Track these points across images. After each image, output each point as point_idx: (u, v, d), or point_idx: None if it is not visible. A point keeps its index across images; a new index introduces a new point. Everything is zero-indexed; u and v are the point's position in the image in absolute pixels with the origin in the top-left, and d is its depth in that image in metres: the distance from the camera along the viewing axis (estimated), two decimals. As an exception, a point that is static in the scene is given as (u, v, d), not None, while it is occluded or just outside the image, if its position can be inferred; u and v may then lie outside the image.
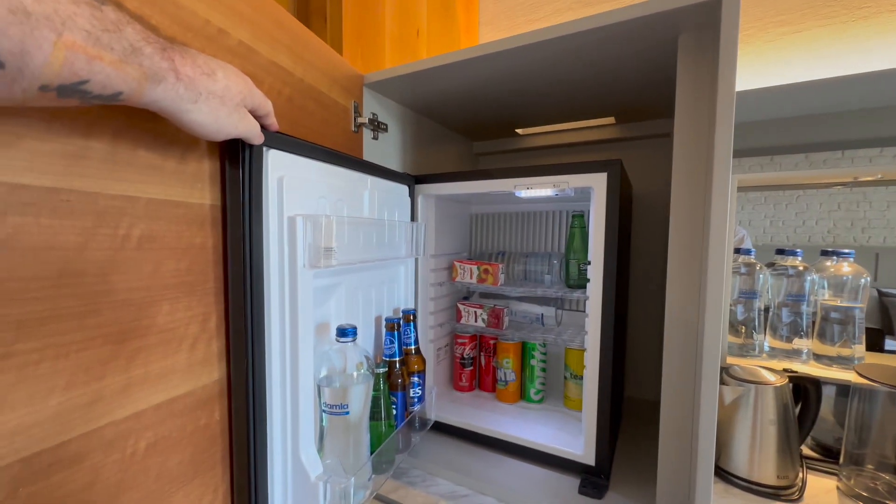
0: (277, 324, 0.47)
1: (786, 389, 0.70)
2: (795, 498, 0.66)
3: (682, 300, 0.57)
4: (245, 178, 0.43)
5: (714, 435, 0.49)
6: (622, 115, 0.94)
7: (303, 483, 0.49)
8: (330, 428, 0.54)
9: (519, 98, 0.84)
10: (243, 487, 0.45)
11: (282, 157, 0.48)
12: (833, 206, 1.15)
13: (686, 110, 0.57)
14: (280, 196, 0.47)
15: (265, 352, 0.46)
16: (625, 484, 0.68)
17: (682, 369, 0.57)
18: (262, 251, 0.45)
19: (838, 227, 1.19)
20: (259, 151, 0.44)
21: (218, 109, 0.35)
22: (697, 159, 0.56)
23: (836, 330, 0.81)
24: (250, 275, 0.44)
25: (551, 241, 0.99)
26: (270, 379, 0.47)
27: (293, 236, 0.48)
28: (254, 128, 0.41)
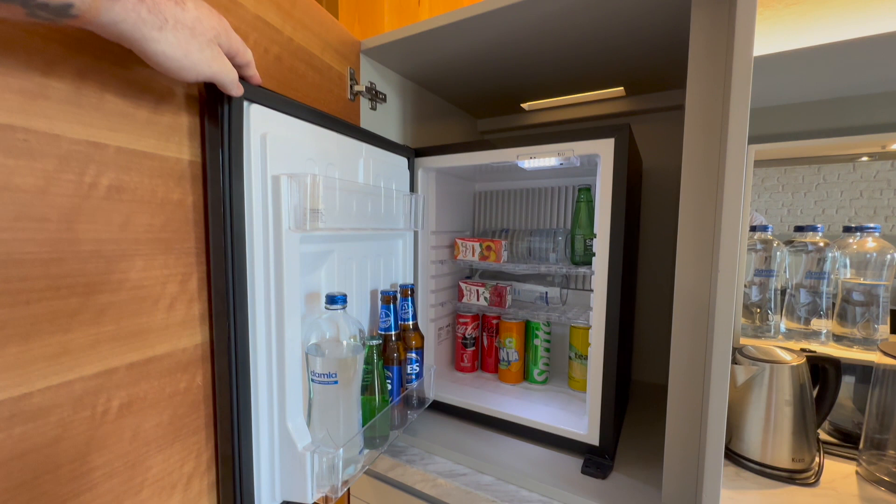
0: (262, 288, 0.45)
1: (803, 369, 0.66)
2: (812, 482, 0.62)
3: (693, 277, 0.53)
4: (225, 132, 0.41)
5: (724, 416, 0.46)
6: (633, 86, 0.90)
7: (290, 453, 0.48)
8: (318, 398, 0.52)
9: (524, 66, 0.80)
10: (227, 455, 0.44)
11: (265, 113, 0.45)
12: (855, 193, 1.09)
13: (700, 72, 0.52)
14: (263, 154, 0.44)
15: (248, 316, 0.44)
16: (630, 465, 0.65)
17: (691, 348, 0.54)
18: (243, 211, 0.43)
19: (860, 215, 1.13)
20: (239, 105, 0.42)
21: (188, 42, 0.32)
22: (711, 126, 0.52)
23: (858, 311, 0.77)
24: (231, 235, 0.42)
25: (556, 217, 0.96)
26: (255, 345, 0.45)
27: (277, 196, 0.45)
28: (229, 72, 0.38)
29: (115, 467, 0.36)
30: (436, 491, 0.65)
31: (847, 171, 1.01)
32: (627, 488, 0.59)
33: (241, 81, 0.40)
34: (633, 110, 0.97)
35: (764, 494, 0.60)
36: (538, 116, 1.09)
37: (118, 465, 0.36)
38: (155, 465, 0.39)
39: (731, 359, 0.47)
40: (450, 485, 0.63)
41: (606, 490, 0.59)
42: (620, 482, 0.61)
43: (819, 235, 0.80)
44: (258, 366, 0.46)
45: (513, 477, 0.63)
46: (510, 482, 0.63)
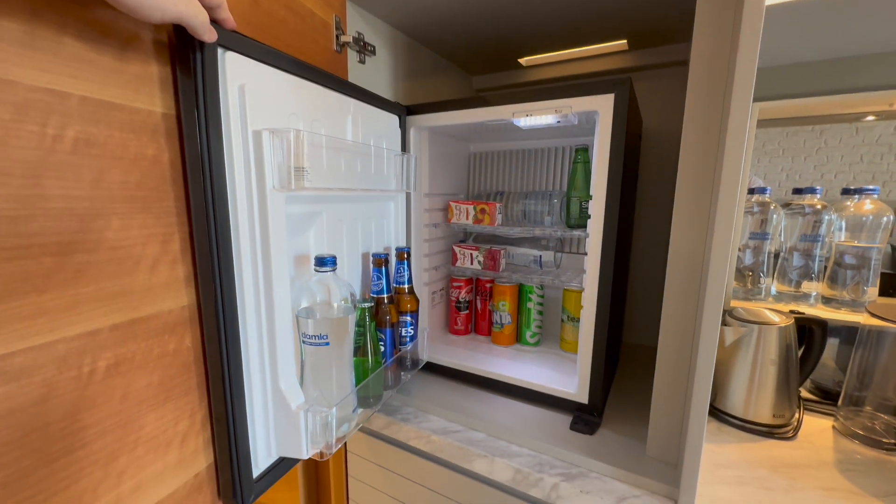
0: (248, 250, 0.44)
1: (790, 330, 0.67)
2: (790, 436, 0.65)
3: (688, 237, 0.53)
4: (198, 83, 0.38)
5: (711, 373, 0.47)
6: (636, 38, 0.85)
7: (284, 412, 0.48)
8: (310, 359, 0.52)
9: (523, 15, 0.75)
10: (221, 416, 0.44)
11: (242, 63, 0.42)
12: (855, 157, 1.08)
13: (707, 21, 0.49)
14: (242, 107, 0.42)
15: (234, 279, 0.43)
16: (617, 422, 0.67)
17: (682, 308, 0.54)
18: (223, 169, 0.41)
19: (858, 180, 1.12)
20: (213, 52, 0.39)
21: None
22: (716, 80, 0.49)
23: (849, 274, 0.77)
24: (212, 194, 0.40)
25: (553, 179, 0.94)
26: (243, 307, 0.44)
27: (260, 153, 0.43)
28: (198, 13, 0.35)
29: (107, 426, 0.36)
30: (430, 447, 0.67)
31: (849, 135, 0.99)
32: (614, 443, 0.62)
33: (214, 25, 0.37)
34: (636, 66, 0.93)
35: (743, 447, 0.63)
36: (536, 73, 1.04)
37: (110, 424, 0.36)
38: (148, 423, 0.39)
39: (720, 317, 0.47)
40: (443, 441, 0.65)
41: (593, 445, 0.61)
42: (607, 437, 0.63)
43: (817, 198, 0.79)
44: (248, 328, 0.45)
45: (504, 433, 0.65)
46: (501, 438, 0.65)
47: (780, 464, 0.59)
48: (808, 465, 0.58)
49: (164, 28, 0.39)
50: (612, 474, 0.56)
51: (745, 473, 0.56)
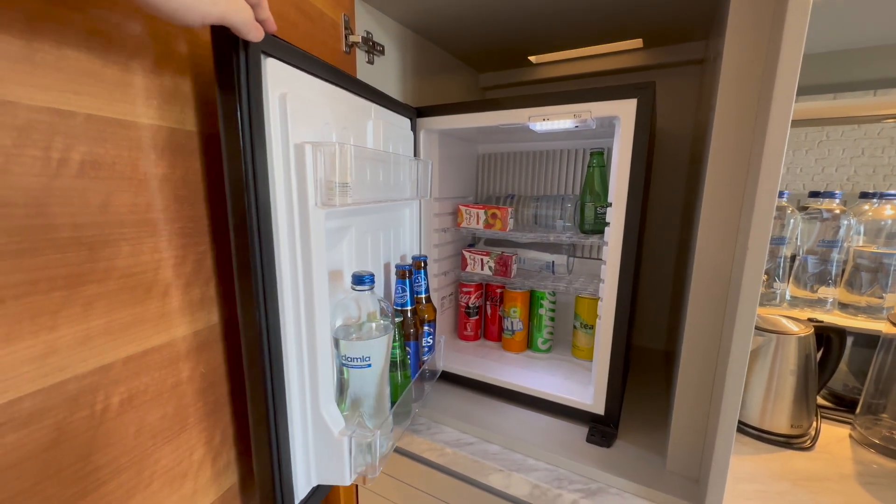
0: (289, 272, 0.41)
1: (809, 339, 0.66)
2: (808, 446, 0.64)
3: (715, 244, 0.51)
4: (242, 92, 0.34)
5: (742, 386, 0.46)
6: (652, 37, 0.82)
7: (325, 438, 0.46)
8: (353, 382, 0.50)
9: (535, 13, 0.73)
10: (264, 447, 0.41)
11: (282, 70, 0.38)
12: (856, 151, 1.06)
13: (741, 22, 0.47)
14: (284, 118, 0.38)
15: (278, 303, 0.40)
16: (633, 433, 0.66)
17: (708, 317, 0.53)
18: (267, 186, 0.37)
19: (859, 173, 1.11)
20: (257, 57, 0.35)
21: None
22: (750, 82, 0.47)
23: (866, 278, 0.76)
24: (256, 214, 0.36)
25: (565, 182, 0.92)
26: (284, 330, 0.41)
27: (302, 168, 0.40)
28: (241, 9, 0.31)
29: (122, 463, 0.34)
30: (443, 460, 0.66)
31: (851, 129, 0.97)
32: (632, 456, 0.61)
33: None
34: (649, 64, 0.90)
35: (761, 459, 0.62)
36: (544, 71, 1.01)
37: (125, 461, 0.34)
38: (163, 456, 0.37)
39: (752, 333, 0.46)
40: (457, 454, 0.64)
41: (611, 458, 0.60)
42: (625, 450, 0.62)
43: (836, 202, 0.78)
44: (288, 352, 0.42)
45: (519, 446, 0.64)
46: (516, 451, 0.64)
47: (800, 477, 0.58)
48: (829, 478, 0.58)
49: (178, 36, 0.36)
50: (633, 490, 0.56)
51: (768, 488, 0.56)
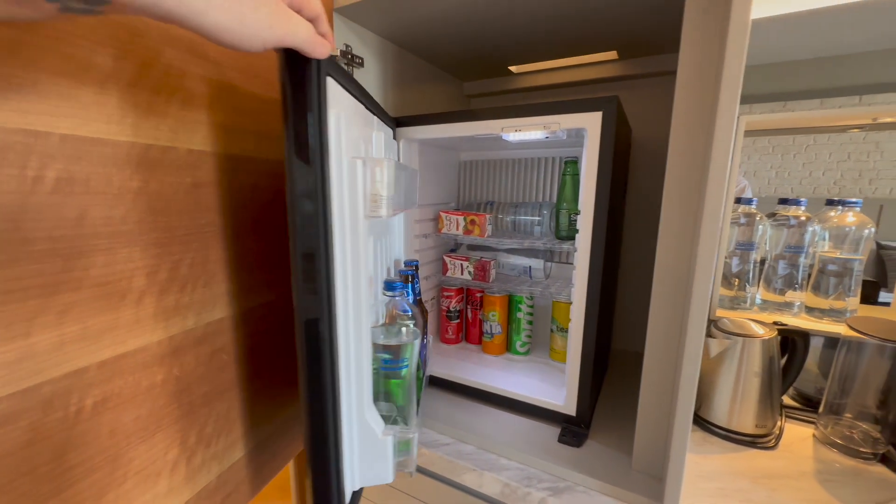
0: (341, 280, 0.42)
1: (773, 342, 0.68)
2: (772, 445, 0.67)
3: (674, 248, 0.54)
4: (315, 110, 0.35)
5: (695, 386, 0.48)
6: (626, 49, 0.85)
7: (370, 440, 0.48)
8: (387, 383, 0.53)
9: (513, 26, 0.75)
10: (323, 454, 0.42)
11: (335, 89, 0.40)
12: (843, 155, 1.09)
13: (694, 36, 0.49)
14: (338, 135, 0.40)
15: (338, 313, 0.42)
16: (604, 433, 0.69)
17: (668, 319, 0.55)
18: (330, 201, 0.39)
19: (845, 177, 1.14)
20: (324, 76, 0.36)
21: (239, 3, 0.26)
22: (702, 95, 0.50)
23: (832, 282, 0.79)
24: (324, 231, 0.38)
25: (544, 189, 0.94)
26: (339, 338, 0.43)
27: (354, 182, 0.42)
28: (300, 28, 0.30)
29: (96, 462, 0.36)
30: (420, 460, 0.68)
31: (837, 133, 1.00)
32: (600, 455, 0.63)
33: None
34: (626, 74, 0.93)
35: (726, 458, 0.65)
36: (527, 80, 1.04)
37: (99, 461, 0.36)
38: (137, 456, 0.39)
39: (706, 331, 0.48)
40: (433, 454, 0.66)
41: (580, 457, 0.62)
42: (594, 450, 0.64)
43: (802, 209, 0.81)
44: (340, 358, 0.43)
45: (493, 446, 0.66)
46: (490, 451, 0.66)
47: (761, 474, 0.60)
48: (788, 475, 0.60)
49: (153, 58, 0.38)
50: (599, 488, 0.58)
51: (727, 485, 0.58)
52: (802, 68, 0.82)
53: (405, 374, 0.54)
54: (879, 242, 1.21)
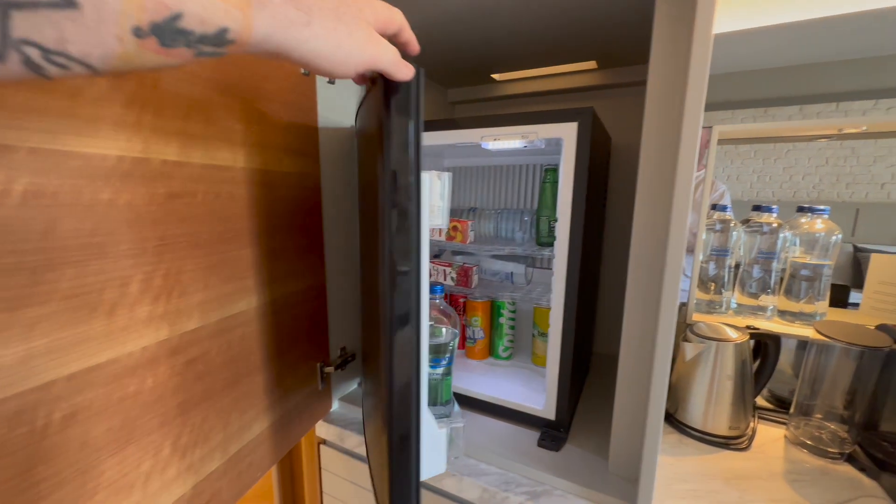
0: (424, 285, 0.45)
1: (745, 346, 0.70)
2: (744, 447, 0.68)
3: (646, 254, 0.55)
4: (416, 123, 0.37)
5: (665, 387, 0.49)
6: (605, 60, 0.87)
7: (430, 433, 0.52)
8: (439, 380, 0.61)
9: (496, 36, 0.76)
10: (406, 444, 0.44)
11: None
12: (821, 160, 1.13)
13: (662, 52, 0.51)
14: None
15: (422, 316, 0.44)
16: (583, 436, 0.70)
17: (642, 323, 0.57)
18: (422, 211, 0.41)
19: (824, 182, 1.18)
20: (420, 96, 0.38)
21: (336, 29, 0.28)
22: (671, 105, 0.51)
23: (803, 287, 0.81)
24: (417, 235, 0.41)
25: (525, 196, 0.95)
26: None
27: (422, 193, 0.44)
28: (389, 53, 0.32)
29: (65, 476, 0.36)
30: (401, 465, 0.68)
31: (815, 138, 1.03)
32: (578, 459, 0.64)
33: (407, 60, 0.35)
34: (606, 84, 0.95)
35: (701, 459, 0.66)
36: (510, 87, 1.05)
37: (68, 474, 0.36)
38: (109, 468, 0.39)
39: (682, 335, 0.50)
40: (414, 460, 0.66)
41: (558, 461, 0.63)
42: (572, 454, 0.65)
43: (773, 216, 0.83)
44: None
45: (474, 451, 0.67)
46: (471, 456, 0.67)
47: (733, 476, 0.62)
48: (759, 476, 0.62)
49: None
50: (575, 492, 0.59)
51: (700, 487, 0.59)
52: (781, 75, 0.84)
53: (446, 371, 0.61)
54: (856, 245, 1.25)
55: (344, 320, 0.81)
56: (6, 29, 0.15)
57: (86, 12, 0.17)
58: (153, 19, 0.19)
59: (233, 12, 0.22)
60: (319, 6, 0.27)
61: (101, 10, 0.17)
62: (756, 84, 0.88)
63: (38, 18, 0.16)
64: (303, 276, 0.69)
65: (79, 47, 0.17)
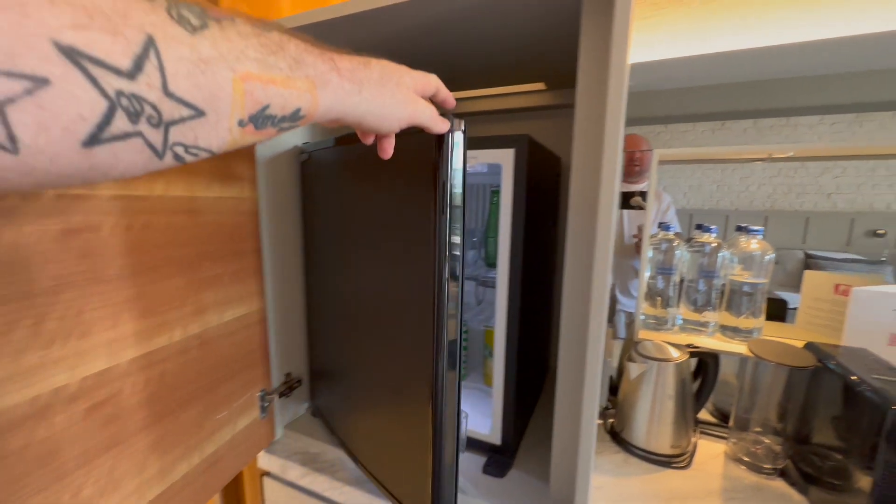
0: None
1: (685, 365, 0.72)
2: (684, 465, 0.69)
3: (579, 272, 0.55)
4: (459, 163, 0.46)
5: (596, 405, 0.50)
6: (552, 81, 0.88)
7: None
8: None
9: (443, 56, 0.76)
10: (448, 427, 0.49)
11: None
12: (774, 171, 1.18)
13: (588, 78, 0.52)
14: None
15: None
16: (529, 460, 0.69)
17: (578, 341, 0.56)
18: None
19: (777, 192, 1.23)
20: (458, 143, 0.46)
21: (380, 94, 0.34)
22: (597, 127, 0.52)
23: (742, 303, 0.84)
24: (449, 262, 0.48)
25: (475, 217, 0.95)
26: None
27: None
28: (427, 111, 0.40)
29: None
30: (343, 498, 0.66)
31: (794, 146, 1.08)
32: (522, 485, 0.63)
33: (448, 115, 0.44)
34: (557, 104, 0.96)
35: (644, 479, 0.67)
36: (461, 106, 1.05)
37: None
38: None
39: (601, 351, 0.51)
40: (353, 492, 0.64)
41: (502, 488, 0.63)
42: (516, 479, 0.65)
43: (713, 236, 0.86)
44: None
45: (417, 481, 0.65)
46: (414, 486, 0.65)
47: (672, 496, 0.63)
48: (696, 495, 0.63)
49: None
50: (515, 520, 0.58)
51: (638, 510, 0.60)
52: (736, 91, 0.87)
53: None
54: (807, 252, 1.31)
55: (289, 345, 0.79)
56: (167, 137, 0.21)
57: (210, 118, 0.23)
58: (251, 112, 0.25)
59: (304, 96, 0.28)
60: (368, 77, 0.33)
61: (219, 114, 0.23)
62: (712, 99, 0.92)
63: (183, 128, 0.22)
64: (239, 302, 0.66)
65: (206, 141, 0.23)
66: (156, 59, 0.19)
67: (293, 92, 0.27)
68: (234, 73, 0.23)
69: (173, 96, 0.20)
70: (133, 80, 0.19)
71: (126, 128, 0.19)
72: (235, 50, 0.23)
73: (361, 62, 0.33)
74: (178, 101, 0.21)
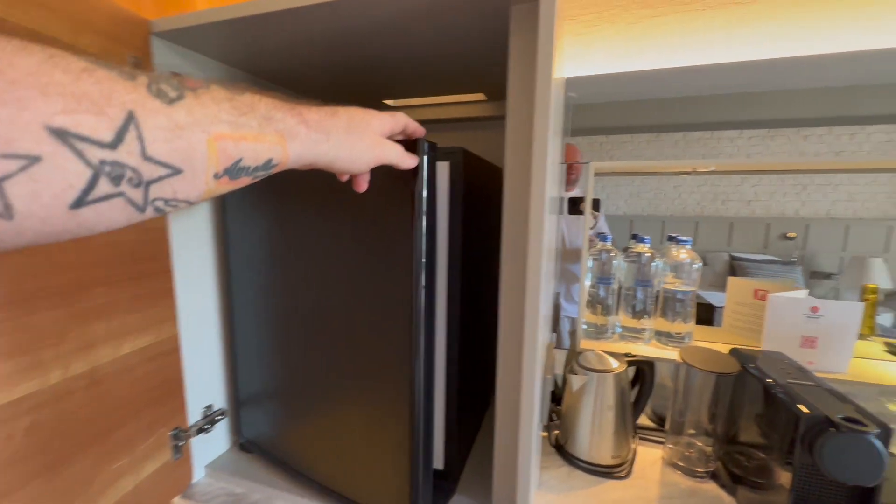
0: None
1: (624, 375, 0.73)
2: (624, 475, 0.70)
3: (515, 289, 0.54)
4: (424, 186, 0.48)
5: (534, 423, 0.48)
6: (491, 93, 0.88)
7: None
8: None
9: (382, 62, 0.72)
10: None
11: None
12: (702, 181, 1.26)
13: (517, 91, 0.51)
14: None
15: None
16: (473, 484, 0.67)
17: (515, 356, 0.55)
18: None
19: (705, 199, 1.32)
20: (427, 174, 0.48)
21: (348, 139, 0.37)
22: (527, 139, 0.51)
23: (675, 309, 0.88)
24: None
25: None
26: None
27: None
28: (393, 151, 0.43)
29: None
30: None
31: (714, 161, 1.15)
32: (464, 512, 0.61)
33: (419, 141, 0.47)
34: (498, 115, 0.96)
35: (588, 493, 0.66)
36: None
37: None
38: None
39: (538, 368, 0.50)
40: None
41: (444, 517, 0.59)
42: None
43: (647, 246, 0.89)
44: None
45: (354, 516, 0.60)
46: (350, 523, 0.60)
47: (611, 508, 0.63)
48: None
49: None
50: (455, 552, 0.55)
51: (581, 528, 0.59)
52: (668, 106, 0.91)
53: None
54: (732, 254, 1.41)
55: (208, 375, 0.71)
56: (147, 194, 0.23)
57: (187, 174, 0.25)
58: (225, 166, 0.27)
59: (275, 148, 0.30)
60: (335, 126, 0.36)
61: (195, 171, 0.25)
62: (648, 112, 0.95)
63: (163, 184, 0.24)
64: (143, 332, 0.58)
65: (184, 194, 0.25)
66: (135, 129, 0.21)
67: (264, 145, 0.30)
68: (208, 134, 0.25)
69: (152, 159, 0.22)
70: (114, 149, 0.21)
71: (109, 190, 0.21)
72: (210, 114, 0.26)
73: (329, 112, 0.36)
74: (157, 163, 0.23)
